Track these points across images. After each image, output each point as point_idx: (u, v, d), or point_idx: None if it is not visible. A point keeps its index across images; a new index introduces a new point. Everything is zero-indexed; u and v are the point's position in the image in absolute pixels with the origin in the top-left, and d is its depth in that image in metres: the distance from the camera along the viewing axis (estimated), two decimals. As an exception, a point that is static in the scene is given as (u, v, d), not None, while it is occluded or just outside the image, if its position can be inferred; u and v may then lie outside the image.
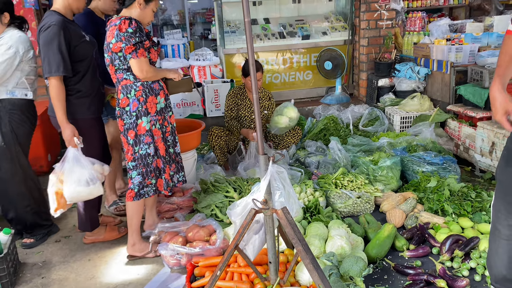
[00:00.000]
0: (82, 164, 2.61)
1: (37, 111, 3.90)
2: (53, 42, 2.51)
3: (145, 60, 2.56)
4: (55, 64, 2.52)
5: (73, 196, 2.62)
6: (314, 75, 5.70)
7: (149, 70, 2.58)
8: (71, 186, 2.59)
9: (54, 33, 2.51)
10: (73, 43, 2.61)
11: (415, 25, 5.27)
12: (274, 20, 5.81)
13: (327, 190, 3.24)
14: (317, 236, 2.61)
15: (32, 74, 2.90)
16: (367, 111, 4.77)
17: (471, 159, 3.88)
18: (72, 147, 2.61)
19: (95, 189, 2.65)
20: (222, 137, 3.97)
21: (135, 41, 2.49)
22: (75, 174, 2.59)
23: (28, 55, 2.84)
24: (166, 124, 2.77)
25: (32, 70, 2.90)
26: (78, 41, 2.64)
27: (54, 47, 2.51)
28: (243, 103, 4.06)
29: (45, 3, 5.23)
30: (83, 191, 2.61)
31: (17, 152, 2.88)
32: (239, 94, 4.08)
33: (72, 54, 2.60)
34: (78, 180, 2.58)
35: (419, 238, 2.74)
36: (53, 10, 2.65)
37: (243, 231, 1.97)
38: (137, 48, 2.51)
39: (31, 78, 2.89)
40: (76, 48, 2.63)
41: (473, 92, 3.95)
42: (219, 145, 3.96)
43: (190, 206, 3.30)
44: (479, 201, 3.04)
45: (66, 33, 2.55)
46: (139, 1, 2.58)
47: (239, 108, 4.07)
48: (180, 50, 5.76)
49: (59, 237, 3.20)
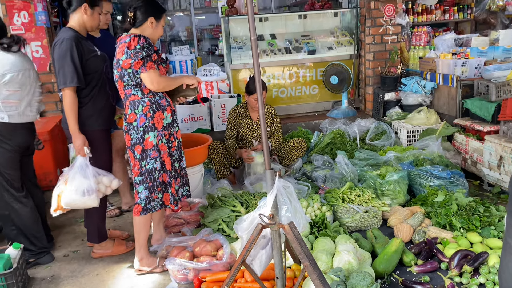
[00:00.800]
0: (85, 174, 2.71)
1: (46, 127, 3.99)
2: (66, 55, 2.63)
3: (155, 72, 2.60)
4: (70, 75, 2.63)
5: (68, 202, 2.71)
6: (320, 89, 5.73)
7: (160, 81, 2.61)
8: (69, 193, 2.69)
9: (68, 47, 2.64)
10: (85, 57, 2.72)
11: (420, 39, 5.30)
12: (280, 36, 5.88)
13: (334, 204, 3.23)
14: (324, 251, 2.60)
15: (12, 98, 2.77)
16: (374, 125, 4.77)
17: (479, 173, 3.86)
18: (81, 156, 2.72)
19: (90, 200, 2.72)
20: (219, 150, 4.00)
21: (142, 55, 2.54)
22: (75, 182, 2.69)
23: (3, 80, 2.72)
24: (172, 139, 2.80)
25: (11, 94, 2.77)
26: (89, 55, 2.75)
27: (68, 60, 2.63)
28: (244, 122, 4.10)
29: (56, 21, 5.35)
30: (78, 200, 2.69)
31: None
32: (240, 113, 4.12)
33: (83, 67, 2.71)
34: (76, 189, 2.68)
35: (427, 253, 2.72)
36: (68, 27, 2.78)
37: (250, 246, 1.98)
38: (145, 61, 2.56)
39: (10, 102, 2.77)
40: (87, 62, 2.74)
41: (480, 106, 3.95)
42: (218, 159, 4.00)
43: (197, 221, 3.31)
44: (488, 216, 3.02)
45: (79, 47, 2.68)
46: (151, 21, 2.65)
47: (239, 127, 4.11)
48: (187, 66, 5.84)
49: (67, 251, 3.22)
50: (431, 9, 6.05)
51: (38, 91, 2.97)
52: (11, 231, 2.97)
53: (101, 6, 2.89)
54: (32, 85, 2.89)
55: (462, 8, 6.13)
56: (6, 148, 2.82)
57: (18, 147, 2.87)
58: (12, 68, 2.74)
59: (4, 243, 3.09)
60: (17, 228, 2.96)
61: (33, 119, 2.95)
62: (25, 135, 2.91)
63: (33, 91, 2.91)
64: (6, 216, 2.94)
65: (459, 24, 6.59)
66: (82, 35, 2.80)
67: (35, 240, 3.00)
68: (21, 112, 2.84)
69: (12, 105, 2.79)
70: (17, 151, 2.87)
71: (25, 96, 2.85)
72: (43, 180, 3.84)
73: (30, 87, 2.88)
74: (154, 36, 2.72)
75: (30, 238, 2.98)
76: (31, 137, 2.99)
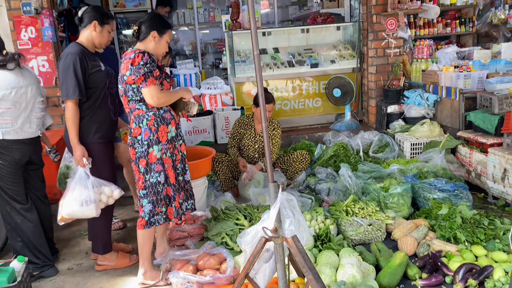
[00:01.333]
0: (85, 184, 2.78)
1: (52, 140, 4.01)
2: (69, 69, 2.73)
3: (155, 88, 2.62)
4: (72, 88, 2.72)
5: (68, 212, 2.78)
6: (323, 102, 5.76)
7: (160, 96, 2.64)
8: (68, 203, 2.77)
9: (71, 61, 2.73)
10: (88, 72, 2.80)
11: (422, 52, 5.34)
12: (283, 49, 5.94)
13: (338, 217, 3.23)
14: (328, 264, 2.59)
15: (6, 115, 2.77)
16: (377, 138, 4.78)
17: (483, 186, 3.85)
18: (81, 167, 2.79)
19: (88, 210, 2.78)
20: (224, 162, 4.02)
21: (144, 71, 2.57)
22: (75, 192, 2.76)
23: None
24: (176, 152, 2.82)
25: (4, 112, 2.76)
26: (92, 70, 2.82)
27: (71, 73, 2.72)
28: (248, 133, 4.13)
29: (62, 35, 5.43)
30: (77, 211, 2.77)
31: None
32: (245, 123, 4.15)
33: (85, 81, 2.79)
34: (75, 199, 2.75)
35: (432, 267, 2.71)
36: (76, 42, 2.88)
37: (253, 259, 1.98)
38: (146, 77, 2.59)
39: (4, 119, 2.78)
40: (89, 76, 2.82)
41: (483, 118, 3.96)
42: (223, 171, 4.02)
43: (200, 234, 3.31)
44: (492, 229, 3.00)
45: (83, 62, 2.77)
46: (153, 35, 2.69)
47: (242, 138, 4.14)
48: (192, 79, 5.89)
49: (71, 264, 3.22)
50: (432, 22, 6.09)
51: (39, 107, 2.94)
52: (17, 243, 2.99)
53: (112, 25, 2.97)
54: (30, 101, 2.86)
55: (464, 21, 6.18)
56: (4, 164, 2.84)
57: (16, 163, 2.87)
58: (4, 85, 2.73)
59: (9, 255, 3.09)
60: (22, 241, 2.97)
61: (33, 135, 2.93)
62: (24, 150, 2.89)
63: (31, 107, 2.88)
64: (12, 228, 2.96)
65: (461, 37, 6.63)
66: (89, 51, 2.89)
67: (39, 253, 3.00)
68: (17, 129, 2.83)
69: (7, 122, 2.78)
70: (15, 166, 2.87)
71: (21, 113, 2.83)
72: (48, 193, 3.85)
73: (27, 104, 2.84)
74: (157, 51, 2.75)
75: (34, 252, 2.99)
76: (32, 152, 2.97)
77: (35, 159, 3.05)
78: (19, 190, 2.94)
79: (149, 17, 2.73)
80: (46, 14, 4.48)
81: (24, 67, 2.91)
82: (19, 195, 2.94)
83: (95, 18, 2.86)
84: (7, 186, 2.88)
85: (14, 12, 4.42)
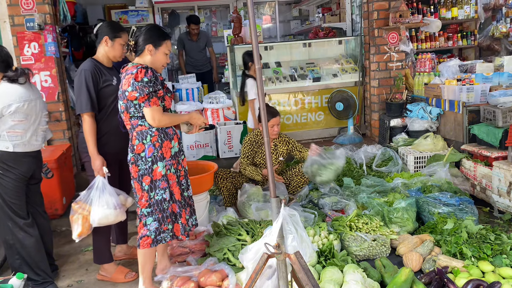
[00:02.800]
0: (109, 191, 2.90)
1: (53, 155, 4.01)
2: (82, 85, 2.89)
3: (158, 109, 2.60)
4: (84, 102, 2.88)
5: (101, 217, 2.85)
6: (325, 115, 5.75)
7: (161, 118, 2.62)
8: (100, 209, 2.84)
9: (84, 77, 2.89)
10: (100, 86, 2.95)
11: (425, 66, 5.34)
12: (285, 64, 5.96)
13: (341, 232, 3.18)
14: (331, 281, 2.54)
15: (17, 127, 2.82)
16: (380, 151, 4.75)
17: (489, 200, 3.80)
18: (101, 176, 2.89)
19: (121, 213, 2.91)
20: (228, 179, 3.98)
21: (148, 91, 2.54)
22: (103, 199, 2.86)
23: (9, 110, 2.76)
24: (180, 168, 2.79)
25: (17, 124, 2.82)
26: (104, 84, 2.96)
27: (84, 89, 2.88)
28: (259, 151, 4.09)
29: (66, 51, 5.47)
30: (111, 214, 2.86)
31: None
32: (256, 141, 4.12)
33: (97, 95, 2.94)
34: (107, 203, 2.85)
35: (438, 283, 2.65)
36: (91, 58, 3.03)
37: (256, 276, 1.94)
38: (150, 97, 2.56)
39: (15, 132, 2.82)
40: (101, 90, 2.96)
41: (487, 132, 3.93)
42: (226, 187, 3.98)
43: (202, 250, 3.27)
44: (499, 244, 2.95)
45: (95, 77, 2.93)
46: (149, 48, 2.65)
47: (255, 156, 4.10)
48: (194, 94, 5.90)
49: (71, 281, 3.18)
50: (434, 36, 6.12)
51: (44, 120, 3.03)
52: (15, 260, 2.95)
53: (124, 38, 3.04)
54: (38, 115, 2.94)
55: (466, 35, 6.20)
56: (11, 177, 2.86)
57: (23, 176, 2.90)
58: (18, 98, 2.80)
59: (8, 273, 3.05)
60: (21, 258, 2.94)
61: (38, 148, 3.01)
62: (31, 163, 2.94)
63: (38, 120, 2.96)
64: (11, 245, 2.93)
65: (463, 50, 6.65)
66: (105, 65, 3.04)
67: (38, 270, 2.97)
68: (26, 142, 2.88)
69: (18, 135, 2.84)
70: (21, 180, 2.90)
71: (31, 125, 2.90)
72: (49, 208, 3.83)
73: (36, 116, 2.93)
74: (156, 64, 2.69)
75: (34, 268, 2.95)
76: (36, 166, 3.02)
77: (37, 173, 3.08)
78: (22, 205, 2.94)
79: (145, 30, 2.68)
80: (49, 30, 4.52)
81: (28, 82, 2.96)
82: (22, 210, 2.93)
83: (106, 34, 2.99)
84: (11, 201, 2.88)
85: (17, 28, 4.47)
